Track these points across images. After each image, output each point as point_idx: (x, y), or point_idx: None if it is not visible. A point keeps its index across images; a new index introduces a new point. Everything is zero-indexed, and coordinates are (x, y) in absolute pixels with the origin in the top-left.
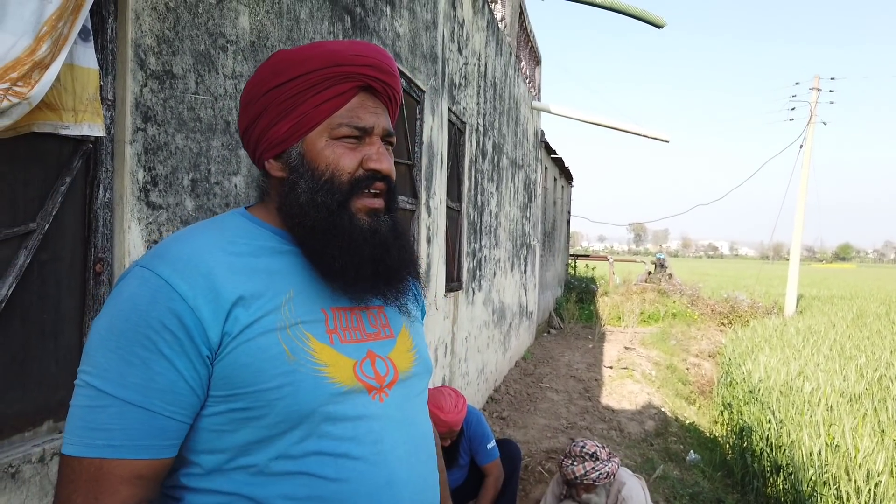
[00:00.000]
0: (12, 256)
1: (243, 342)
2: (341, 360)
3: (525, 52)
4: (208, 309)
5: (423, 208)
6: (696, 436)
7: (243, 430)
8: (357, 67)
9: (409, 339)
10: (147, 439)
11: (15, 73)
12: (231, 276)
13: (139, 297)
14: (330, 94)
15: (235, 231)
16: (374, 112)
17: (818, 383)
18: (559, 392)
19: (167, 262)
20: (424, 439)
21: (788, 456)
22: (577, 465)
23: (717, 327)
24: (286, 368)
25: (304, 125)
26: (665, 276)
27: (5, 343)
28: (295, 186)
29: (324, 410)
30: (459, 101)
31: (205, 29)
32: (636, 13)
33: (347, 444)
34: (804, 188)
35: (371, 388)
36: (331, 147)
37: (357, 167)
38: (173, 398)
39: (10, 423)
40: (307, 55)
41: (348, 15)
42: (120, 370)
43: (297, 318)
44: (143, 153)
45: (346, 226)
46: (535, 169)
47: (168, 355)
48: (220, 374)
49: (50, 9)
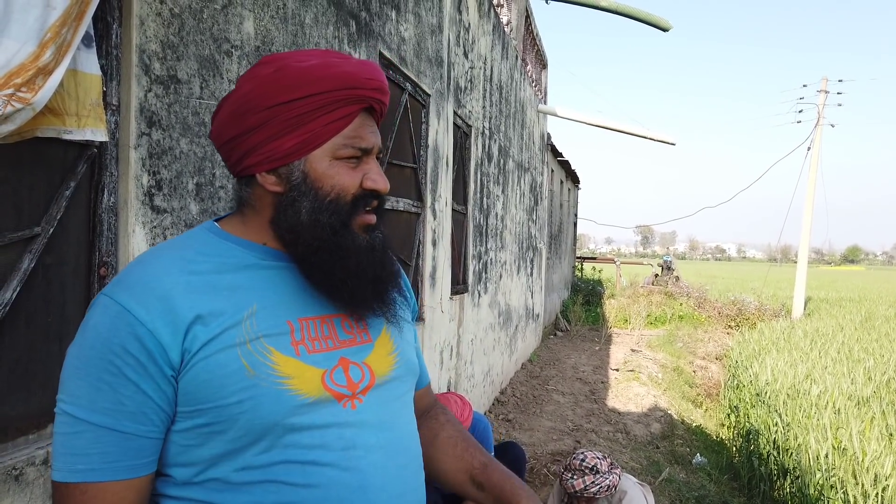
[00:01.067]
0: (17, 260)
1: (202, 359)
2: (308, 371)
3: (531, 55)
4: (167, 331)
5: (428, 211)
6: (702, 439)
7: (209, 443)
8: (369, 91)
9: (390, 343)
10: (124, 460)
11: (19, 79)
12: (189, 296)
13: (101, 324)
14: (339, 115)
15: (199, 248)
16: (373, 132)
17: (826, 386)
18: (565, 394)
19: (125, 288)
20: (405, 442)
21: (795, 459)
22: (576, 479)
23: (724, 330)
24: (246, 383)
25: (311, 143)
26: (672, 278)
27: (10, 346)
28: (295, 203)
29: (287, 423)
30: (465, 104)
31: (209, 34)
32: (642, 16)
33: (316, 452)
34: (812, 190)
35: (341, 396)
36: (335, 167)
37: (357, 186)
38: (143, 418)
39: (14, 426)
40: (321, 75)
41: (353, 19)
42: (90, 396)
43: (259, 332)
44: (147, 157)
45: (350, 245)
46: (541, 172)
47: (133, 379)
48: (183, 391)
49: (54, 15)
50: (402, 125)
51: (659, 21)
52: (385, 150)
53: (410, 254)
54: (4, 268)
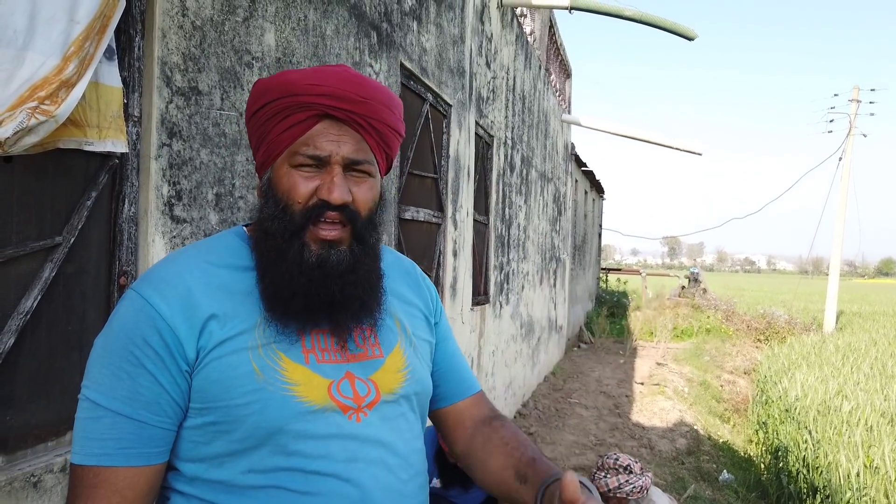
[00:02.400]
0: (38, 269)
1: (215, 359)
2: (315, 379)
3: (555, 65)
4: (185, 326)
5: (449, 221)
6: (729, 455)
7: (215, 442)
8: (312, 97)
9: (403, 359)
10: (137, 447)
11: (43, 92)
12: (207, 295)
13: (126, 317)
14: (290, 123)
15: (223, 251)
16: (336, 140)
17: (857, 402)
18: (588, 408)
19: (151, 283)
20: (409, 459)
21: (826, 478)
22: (610, 477)
23: (753, 343)
24: (254, 386)
25: (271, 152)
26: (699, 290)
27: (31, 354)
28: (262, 210)
29: (292, 428)
30: (487, 114)
31: (231, 46)
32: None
33: (319, 462)
34: (844, 201)
35: (347, 407)
36: (288, 175)
37: (311, 196)
38: (158, 409)
39: (33, 433)
40: (270, 85)
41: (374, 31)
42: (111, 384)
43: (272, 337)
44: (167, 168)
45: (291, 255)
46: (564, 182)
47: (151, 370)
48: (195, 388)
49: (77, 29)
50: (422, 135)
51: (683, 30)
52: (406, 160)
53: (431, 264)
54: (26, 276)
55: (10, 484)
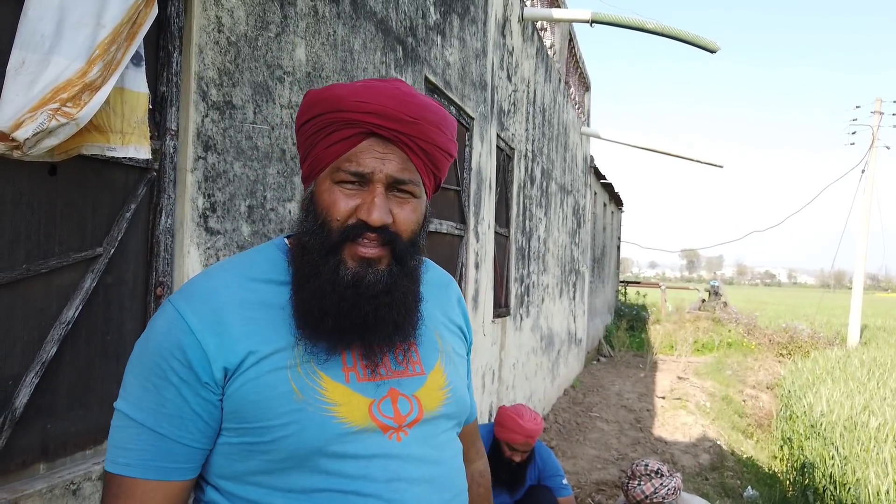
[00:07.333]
0: (79, 279)
1: (252, 378)
2: (355, 398)
3: (574, 78)
4: (214, 342)
5: (471, 234)
6: (753, 471)
7: (252, 460)
8: (358, 114)
9: (443, 377)
10: (156, 461)
11: (65, 94)
12: (243, 313)
13: (159, 328)
14: (336, 139)
15: (263, 265)
16: (381, 158)
17: (885, 418)
18: (609, 422)
19: (186, 296)
20: (451, 477)
21: (854, 495)
22: (644, 484)
23: (776, 358)
24: (293, 407)
25: (316, 166)
26: (720, 304)
27: (71, 363)
28: (302, 224)
29: (330, 449)
30: (508, 127)
31: (263, 61)
32: (689, 38)
33: (359, 482)
34: (867, 214)
35: (387, 427)
36: (330, 191)
37: (350, 215)
38: (180, 423)
39: (72, 441)
40: (319, 98)
41: (400, 45)
42: (138, 394)
43: (311, 355)
44: (203, 181)
45: (326, 272)
46: (584, 194)
47: (175, 383)
48: (229, 409)
49: (103, 33)
50: None
51: (705, 42)
52: None
53: (453, 276)
54: (68, 286)
55: (50, 491)
